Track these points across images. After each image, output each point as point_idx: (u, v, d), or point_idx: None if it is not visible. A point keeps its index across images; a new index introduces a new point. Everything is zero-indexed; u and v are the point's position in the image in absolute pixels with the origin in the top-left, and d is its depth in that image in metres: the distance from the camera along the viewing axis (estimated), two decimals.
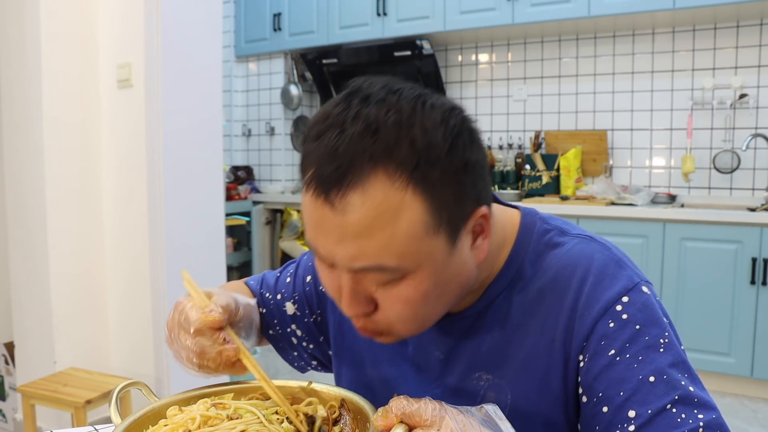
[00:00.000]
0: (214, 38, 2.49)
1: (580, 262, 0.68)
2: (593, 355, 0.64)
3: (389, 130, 0.55)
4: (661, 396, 0.61)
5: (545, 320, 0.68)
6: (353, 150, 0.55)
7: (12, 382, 2.61)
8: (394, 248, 0.57)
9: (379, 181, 0.55)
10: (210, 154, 2.49)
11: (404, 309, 0.62)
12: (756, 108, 3.19)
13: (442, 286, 0.62)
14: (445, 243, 0.60)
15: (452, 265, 0.62)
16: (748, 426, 2.61)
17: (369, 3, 3.88)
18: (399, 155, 0.55)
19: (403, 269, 0.59)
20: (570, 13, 3.25)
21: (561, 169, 3.56)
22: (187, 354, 0.70)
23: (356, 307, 0.62)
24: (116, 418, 0.67)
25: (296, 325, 0.90)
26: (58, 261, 2.32)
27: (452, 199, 0.59)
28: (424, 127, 0.56)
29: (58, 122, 2.30)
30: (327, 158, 0.56)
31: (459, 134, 0.59)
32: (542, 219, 0.75)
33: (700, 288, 2.91)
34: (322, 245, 0.60)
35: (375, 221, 0.56)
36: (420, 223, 0.57)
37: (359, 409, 0.66)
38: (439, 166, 0.57)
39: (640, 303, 0.65)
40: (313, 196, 0.58)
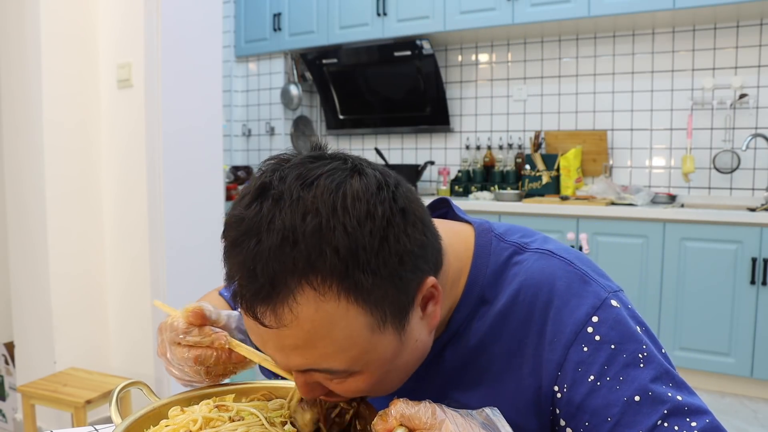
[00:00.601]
0: (214, 38, 2.49)
1: (542, 283, 0.65)
2: (572, 384, 0.62)
3: (309, 239, 0.50)
4: (649, 414, 0.59)
5: (509, 346, 0.66)
6: (273, 266, 0.50)
7: (12, 382, 2.61)
8: (339, 355, 0.54)
9: (307, 297, 0.51)
10: (210, 154, 2.49)
11: (357, 393, 0.60)
12: (756, 108, 3.19)
13: (396, 371, 0.60)
14: (394, 335, 0.56)
15: (404, 351, 0.59)
16: (748, 426, 2.61)
17: (369, 3, 3.88)
18: (324, 266, 0.50)
19: (350, 370, 0.56)
20: (570, 13, 3.25)
21: (561, 169, 3.56)
22: (187, 363, 0.68)
23: (311, 394, 0.60)
24: (116, 417, 0.67)
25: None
26: (58, 261, 2.32)
27: (393, 294, 0.54)
28: (346, 229, 0.51)
29: (58, 122, 2.30)
30: (248, 276, 0.52)
31: (389, 224, 0.53)
32: (498, 236, 0.70)
33: (700, 288, 2.91)
34: (264, 349, 0.58)
35: (311, 335, 0.52)
36: (361, 326, 0.53)
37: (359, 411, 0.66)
38: (370, 270, 0.52)
39: (611, 320, 0.62)
40: (246, 316, 0.55)
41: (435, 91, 3.92)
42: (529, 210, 3.27)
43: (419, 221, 0.57)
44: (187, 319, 0.68)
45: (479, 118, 3.97)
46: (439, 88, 3.91)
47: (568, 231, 3.15)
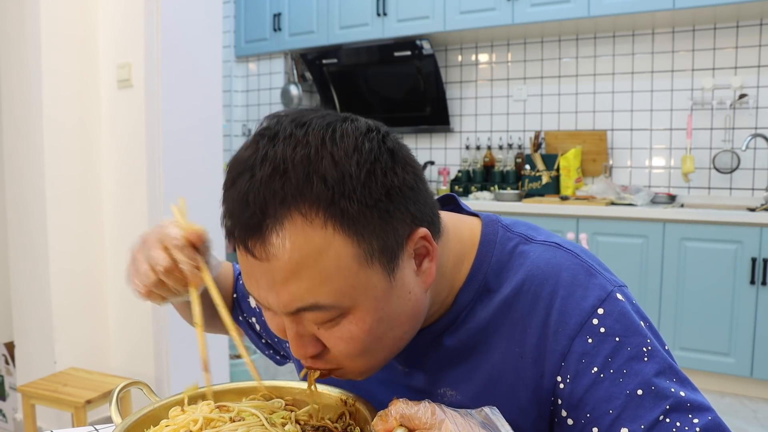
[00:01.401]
0: (214, 38, 2.49)
1: (548, 273, 0.65)
2: (575, 376, 0.61)
3: (297, 168, 0.53)
4: (651, 408, 0.59)
5: (511, 335, 0.65)
6: (264, 195, 0.53)
7: (12, 381, 2.61)
8: (327, 286, 0.55)
9: (295, 224, 0.53)
10: (210, 154, 2.49)
11: (350, 347, 0.59)
12: (756, 108, 3.19)
13: (388, 320, 0.59)
14: (383, 274, 0.57)
15: (395, 296, 0.59)
16: (748, 426, 2.61)
17: (369, 3, 3.88)
18: (311, 194, 0.53)
19: (340, 306, 0.56)
20: (570, 13, 3.26)
21: (561, 169, 3.56)
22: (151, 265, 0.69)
23: (303, 350, 0.60)
24: (117, 417, 0.67)
25: (255, 318, 0.92)
26: (58, 261, 2.32)
27: (380, 227, 0.55)
28: (334, 159, 0.53)
29: (58, 122, 2.30)
30: (240, 207, 0.54)
31: (376, 160, 0.55)
32: (505, 227, 0.71)
33: (699, 288, 2.91)
34: (255, 292, 0.58)
35: (300, 264, 0.54)
36: (348, 257, 0.55)
37: (359, 409, 0.66)
38: (356, 199, 0.54)
39: (617, 313, 0.62)
40: (239, 250, 0.57)
41: (435, 91, 3.92)
42: (529, 210, 3.27)
43: (409, 166, 0.59)
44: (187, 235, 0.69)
45: (479, 118, 3.97)
46: (439, 88, 3.91)
47: (568, 231, 3.15)
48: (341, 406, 0.69)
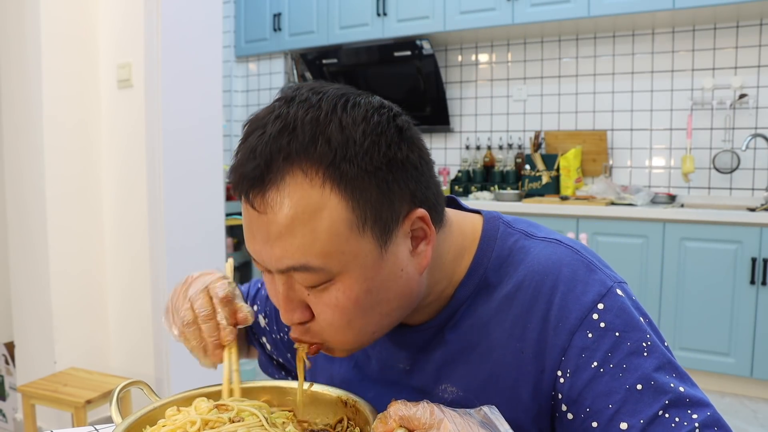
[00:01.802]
0: (214, 38, 2.49)
1: (549, 269, 0.65)
2: (575, 370, 0.62)
3: (305, 127, 0.55)
4: (651, 403, 0.59)
5: (512, 330, 0.65)
6: (271, 149, 0.55)
7: (12, 381, 2.61)
8: (318, 247, 0.56)
9: (295, 180, 0.55)
10: (210, 154, 2.49)
11: (336, 316, 0.59)
12: (756, 108, 3.19)
13: (376, 293, 0.59)
14: (374, 244, 0.58)
15: (386, 270, 0.59)
16: (748, 426, 2.61)
17: (369, 3, 3.88)
18: (315, 153, 0.55)
19: (329, 270, 0.57)
20: (570, 13, 3.26)
21: (561, 169, 3.56)
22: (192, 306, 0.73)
23: (291, 313, 0.60)
24: (117, 417, 0.67)
25: (265, 338, 0.92)
26: (58, 261, 2.32)
27: (376, 197, 0.57)
28: (341, 124, 0.56)
29: (58, 122, 2.30)
30: (247, 159, 0.57)
31: (382, 132, 0.57)
32: (506, 223, 0.71)
33: (699, 288, 2.91)
34: (252, 248, 0.60)
35: (295, 220, 0.55)
36: (342, 221, 0.56)
37: (359, 410, 0.66)
38: (357, 164, 0.56)
39: (617, 308, 0.63)
40: (243, 203, 0.59)
41: (435, 91, 3.92)
42: (529, 210, 3.27)
43: (416, 147, 0.61)
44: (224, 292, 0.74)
45: (479, 118, 3.97)
46: (439, 88, 3.91)
47: (568, 231, 3.15)
48: (341, 407, 0.69)
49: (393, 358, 0.73)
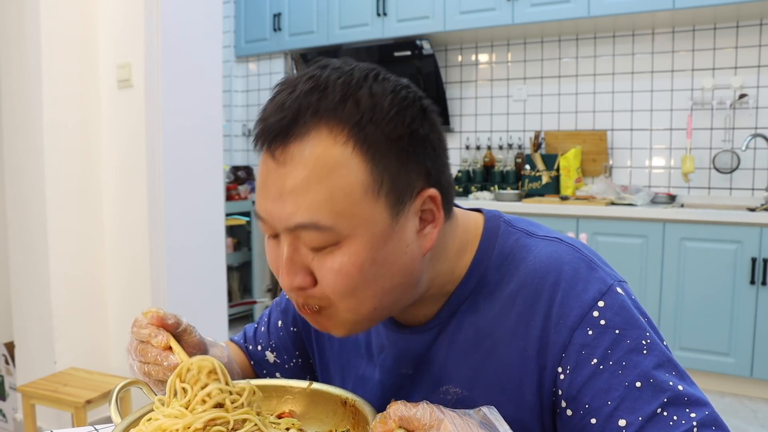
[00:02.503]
0: (214, 38, 2.49)
1: (550, 267, 0.66)
2: (575, 367, 0.62)
3: (336, 89, 0.57)
4: (650, 401, 0.59)
5: (515, 329, 0.66)
6: (299, 104, 0.57)
7: (12, 381, 2.61)
8: (331, 205, 0.57)
9: (320, 135, 0.57)
10: (210, 154, 2.49)
11: (339, 281, 0.59)
12: (756, 108, 3.19)
13: (381, 264, 0.60)
14: (386, 213, 0.59)
15: (393, 242, 0.60)
16: (747, 426, 2.61)
17: (369, 3, 3.88)
18: (342, 113, 0.57)
19: (338, 231, 0.57)
20: (570, 13, 3.25)
21: (561, 169, 3.56)
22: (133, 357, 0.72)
23: (293, 277, 0.60)
24: (116, 417, 0.67)
25: (279, 373, 0.91)
26: (58, 261, 2.32)
27: (395, 165, 0.58)
28: (371, 91, 0.58)
29: (58, 122, 2.30)
30: (274, 112, 0.58)
31: (408, 106, 0.59)
32: (507, 222, 0.72)
33: (699, 288, 2.91)
34: (264, 207, 0.60)
35: (313, 175, 0.56)
36: (358, 182, 0.57)
37: (358, 410, 0.66)
38: (381, 129, 0.57)
39: (617, 306, 0.63)
40: (262, 153, 0.60)
41: (435, 91, 3.92)
42: (529, 210, 3.27)
43: (436, 131, 0.63)
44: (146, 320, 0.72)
45: (479, 118, 3.97)
46: (439, 88, 3.91)
47: (568, 231, 3.15)
48: (340, 407, 0.69)
49: (396, 365, 0.74)
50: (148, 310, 0.73)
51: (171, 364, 0.69)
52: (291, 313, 0.89)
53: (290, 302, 0.90)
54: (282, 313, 0.90)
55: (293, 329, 0.88)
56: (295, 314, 0.88)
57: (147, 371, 0.71)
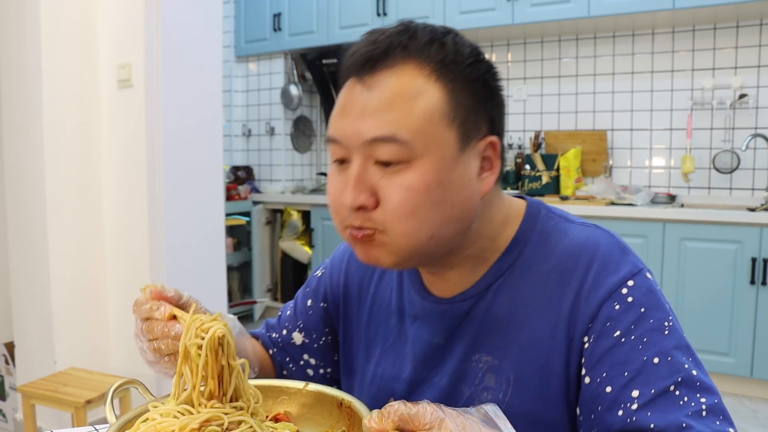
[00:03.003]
0: (214, 38, 2.49)
1: (586, 247, 0.70)
2: (598, 337, 0.65)
3: (424, 33, 0.66)
4: (665, 377, 0.62)
5: (549, 302, 0.69)
6: (391, 41, 0.65)
7: (12, 382, 2.61)
8: (410, 123, 0.63)
9: (407, 68, 0.64)
10: (210, 154, 2.49)
11: (405, 198, 0.63)
12: (756, 108, 3.19)
13: (446, 188, 0.64)
14: (456, 142, 0.65)
15: (458, 171, 0.65)
16: (748, 426, 2.61)
17: (369, 3, 3.88)
18: (428, 52, 0.65)
19: (413, 147, 0.63)
20: (570, 13, 3.25)
21: (561, 169, 3.56)
22: (139, 337, 0.71)
23: (358, 194, 0.64)
24: (111, 417, 0.67)
25: (308, 354, 0.91)
26: (58, 261, 2.32)
27: (469, 103, 0.65)
28: (455, 41, 0.67)
29: (58, 122, 2.30)
30: (366, 45, 0.66)
31: (483, 60, 0.68)
32: (547, 208, 0.77)
33: (699, 288, 2.91)
34: (342, 125, 0.65)
35: (397, 97, 0.63)
36: (437, 108, 0.64)
37: (354, 411, 0.66)
38: (461, 70, 0.65)
39: (645, 287, 0.67)
40: (348, 83, 0.67)
41: None
42: None
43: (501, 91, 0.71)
44: (145, 296, 0.72)
45: None
46: None
47: None
48: (336, 409, 0.69)
49: (429, 334, 0.77)
50: (145, 286, 0.72)
51: (178, 333, 0.67)
52: (321, 291, 0.91)
53: (321, 281, 0.92)
54: (312, 292, 0.92)
55: (323, 305, 0.90)
56: (326, 291, 0.90)
57: (156, 348, 0.69)
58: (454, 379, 0.74)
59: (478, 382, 0.72)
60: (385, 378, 0.80)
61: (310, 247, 4.09)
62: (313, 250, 4.02)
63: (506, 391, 0.70)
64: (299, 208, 4.14)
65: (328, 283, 0.91)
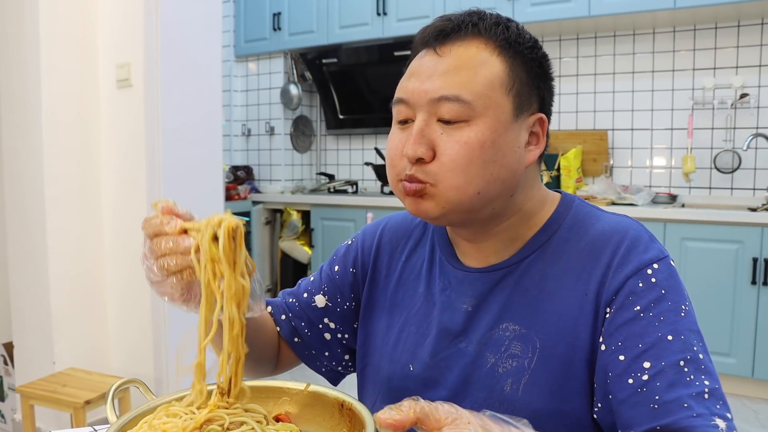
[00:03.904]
0: (214, 38, 2.49)
1: (617, 230, 0.75)
2: (619, 308, 0.69)
3: (492, 17, 0.75)
4: (676, 352, 0.66)
5: (579, 276, 0.73)
6: (462, 19, 0.74)
7: (11, 382, 2.61)
8: (473, 86, 0.70)
9: (475, 41, 0.73)
10: (209, 154, 2.49)
11: (461, 152, 0.70)
12: (757, 108, 3.18)
13: (498, 148, 0.71)
14: (511, 109, 0.72)
15: (510, 135, 0.72)
16: (749, 426, 2.60)
17: (369, 2, 3.88)
18: (495, 31, 0.73)
19: (474, 107, 0.70)
20: (570, 12, 3.25)
21: (561, 169, 3.56)
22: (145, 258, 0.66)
23: (418, 146, 0.70)
24: (112, 416, 0.66)
25: (328, 317, 0.92)
26: (57, 261, 2.32)
27: (525, 79, 0.74)
28: (518, 26, 0.76)
29: (57, 122, 2.29)
30: (440, 21, 0.75)
31: (541, 48, 0.77)
32: (580, 199, 0.83)
33: (700, 288, 2.90)
34: (411, 86, 0.73)
35: (464, 63, 0.71)
36: (498, 77, 0.72)
37: (356, 414, 0.65)
38: (521, 51, 0.74)
39: (668, 272, 0.71)
40: (420, 53, 0.75)
41: None
42: None
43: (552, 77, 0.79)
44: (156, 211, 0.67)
45: None
46: None
47: None
48: (337, 410, 0.68)
49: (458, 300, 0.80)
50: (156, 201, 0.68)
51: (188, 247, 0.63)
52: (351, 256, 0.93)
53: (350, 248, 0.94)
54: (340, 259, 0.94)
55: (352, 270, 0.92)
56: (356, 257, 0.93)
57: (164, 266, 0.64)
58: (479, 346, 0.76)
59: (504, 349, 0.74)
60: (409, 343, 0.82)
61: (309, 248, 4.08)
62: (312, 250, 4.02)
63: (531, 358, 0.73)
64: (299, 208, 4.13)
65: (359, 249, 0.93)
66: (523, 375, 0.72)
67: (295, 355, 0.94)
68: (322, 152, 4.68)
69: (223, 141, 2.65)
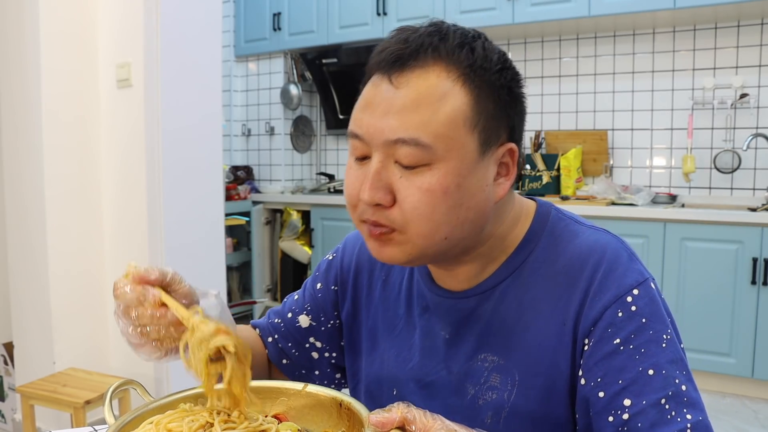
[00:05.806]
0: (214, 38, 2.49)
1: (595, 250, 0.70)
2: (598, 341, 0.66)
3: (456, 36, 0.66)
4: (656, 390, 0.63)
5: (557, 304, 0.70)
6: (422, 41, 0.65)
7: (11, 382, 2.61)
8: (433, 127, 0.63)
9: (435, 70, 0.64)
10: (209, 154, 2.49)
11: (423, 200, 0.64)
12: (757, 108, 3.18)
13: (464, 192, 0.65)
14: (476, 148, 0.65)
15: (476, 176, 0.66)
16: (748, 426, 2.60)
17: (369, 2, 3.88)
18: (458, 56, 0.65)
19: (434, 151, 0.63)
20: (570, 12, 3.25)
21: (561, 169, 3.56)
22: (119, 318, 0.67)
23: (375, 191, 0.64)
24: (110, 417, 0.66)
25: (314, 337, 0.90)
26: (57, 261, 2.32)
27: (492, 110, 0.66)
28: (484, 46, 0.67)
29: (57, 122, 2.29)
30: (397, 43, 0.65)
31: (510, 68, 0.68)
32: (557, 209, 0.77)
33: (700, 288, 2.90)
34: (365, 122, 0.66)
35: (423, 99, 0.63)
36: (461, 112, 0.64)
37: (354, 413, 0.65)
38: (488, 77, 0.65)
39: (648, 298, 0.67)
40: (374, 79, 0.67)
41: None
42: None
43: (524, 99, 0.71)
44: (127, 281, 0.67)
45: None
46: None
47: None
48: (335, 410, 0.68)
49: (436, 327, 0.77)
50: (126, 272, 0.68)
51: (171, 321, 0.66)
52: (332, 274, 0.91)
53: (332, 265, 0.91)
54: (322, 276, 0.91)
55: (334, 288, 0.90)
56: (336, 274, 0.90)
57: (143, 333, 0.67)
58: (459, 377, 0.74)
59: (483, 381, 0.72)
60: (391, 365, 0.81)
61: (309, 247, 4.08)
62: (312, 250, 4.02)
63: (511, 391, 0.71)
64: (299, 208, 4.13)
65: (339, 266, 0.91)
66: (503, 408, 0.71)
67: (285, 376, 0.94)
68: (322, 152, 4.68)
69: (223, 141, 2.65)
